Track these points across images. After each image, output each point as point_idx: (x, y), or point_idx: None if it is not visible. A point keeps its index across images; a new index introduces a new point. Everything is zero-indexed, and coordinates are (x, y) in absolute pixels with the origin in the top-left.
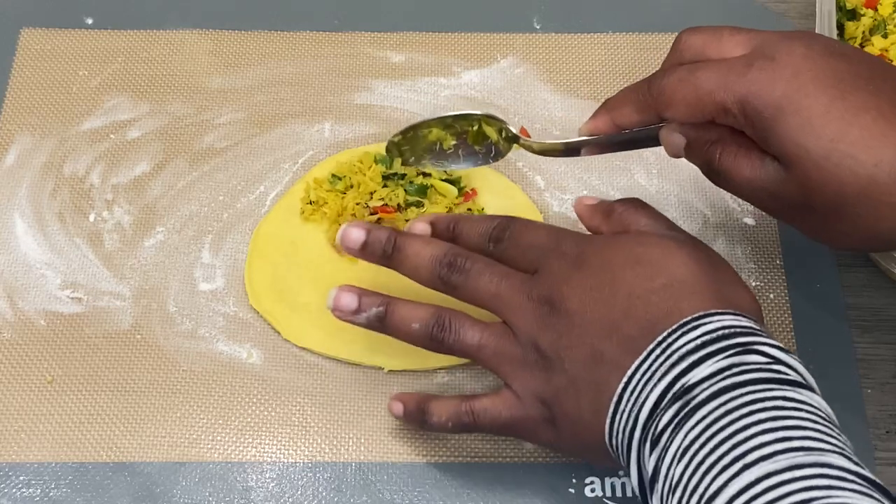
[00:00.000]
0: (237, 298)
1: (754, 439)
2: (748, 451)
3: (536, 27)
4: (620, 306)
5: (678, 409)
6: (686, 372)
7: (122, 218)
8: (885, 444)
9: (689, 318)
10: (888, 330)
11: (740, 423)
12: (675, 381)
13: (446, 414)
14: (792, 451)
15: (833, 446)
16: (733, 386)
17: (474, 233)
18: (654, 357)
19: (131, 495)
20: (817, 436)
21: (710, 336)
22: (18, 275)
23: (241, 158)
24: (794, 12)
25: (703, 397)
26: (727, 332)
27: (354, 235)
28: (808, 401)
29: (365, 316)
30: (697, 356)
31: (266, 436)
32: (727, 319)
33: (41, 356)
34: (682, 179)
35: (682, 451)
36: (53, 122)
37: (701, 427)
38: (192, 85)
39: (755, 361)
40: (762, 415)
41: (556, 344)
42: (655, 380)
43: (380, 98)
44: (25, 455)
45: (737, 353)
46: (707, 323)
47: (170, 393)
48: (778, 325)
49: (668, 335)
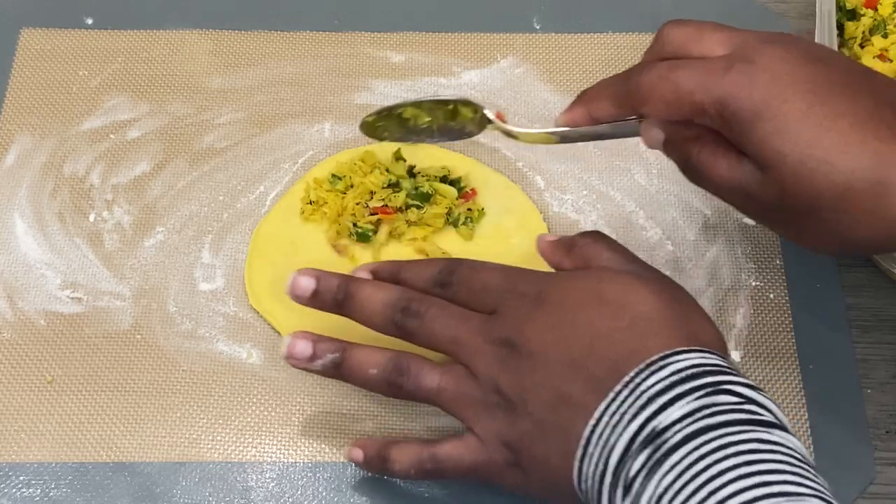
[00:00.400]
0: (237, 298)
1: (731, 485)
2: (726, 498)
3: (536, 27)
4: (584, 346)
5: (650, 454)
6: (656, 414)
7: (122, 218)
8: (885, 444)
9: (655, 357)
10: (888, 330)
11: (716, 468)
12: (645, 424)
13: (408, 462)
14: (771, 496)
15: (811, 490)
16: (706, 429)
17: (419, 279)
18: (622, 398)
19: (131, 495)
20: (795, 479)
21: (678, 376)
22: (18, 275)
23: (241, 158)
24: (794, 12)
25: (675, 441)
26: (696, 372)
27: (304, 284)
28: (783, 442)
29: (321, 363)
30: (667, 397)
31: (266, 436)
32: (695, 358)
33: (41, 356)
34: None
35: (657, 498)
36: (53, 122)
37: (675, 473)
38: (192, 85)
39: (727, 402)
40: (738, 459)
41: (519, 386)
42: (625, 423)
43: (380, 98)
44: (25, 455)
45: (707, 393)
46: (675, 362)
47: (170, 393)
48: (778, 325)
49: (635, 375)
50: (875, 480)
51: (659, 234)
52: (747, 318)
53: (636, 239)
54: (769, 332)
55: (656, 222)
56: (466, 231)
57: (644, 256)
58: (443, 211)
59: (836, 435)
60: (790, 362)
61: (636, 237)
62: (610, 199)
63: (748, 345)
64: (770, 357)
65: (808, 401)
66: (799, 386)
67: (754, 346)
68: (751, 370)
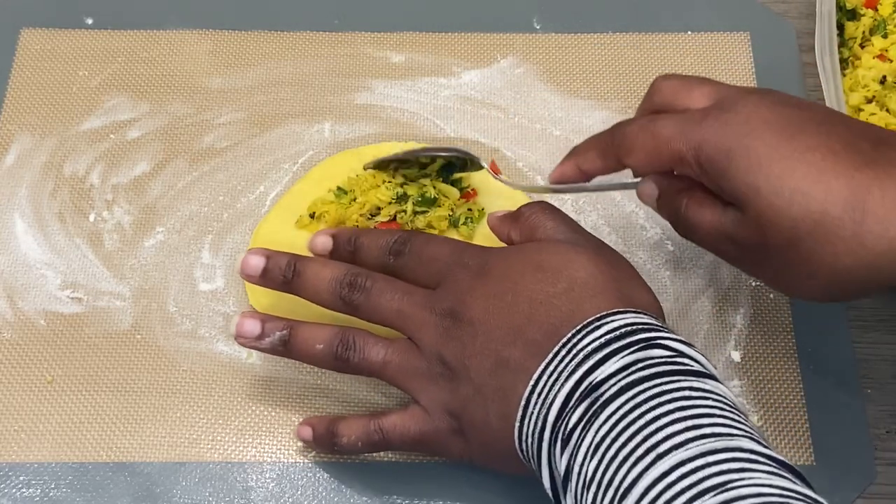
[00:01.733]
0: (237, 298)
1: (665, 429)
2: (660, 441)
3: (536, 27)
4: (523, 312)
5: (587, 407)
6: (592, 370)
7: (122, 218)
8: (885, 444)
9: (591, 319)
10: (888, 330)
11: (650, 414)
12: (581, 380)
13: (355, 434)
14: (703, 437)
15: (742, 431)
16: (640, 380)
17: (375, 246)
18: (560, 358)
19: (131, 495)
20: (726, 422)
21: (613, 334)
22: (18, 275)
23: (241, 158)
24: (795, 12)
25: (611, 393)
26: (629, 330)
27: (253, 262)
28: (713, 389)
29: (269, 341)
30: (602, 354)
31: (266, 436)
32: (629, 317)
33: (41, 356)
34: None
35: (594, 447)
36: (53, 122)
37: (612, 422)
38: (192, 85)
39: (659, 356)
40: (671, 405)
41: (461, 354)
42: (562, 380)
43: (380, 98)
44: (25, 455)
45: (640, 348)
46: (609, 322)
47: (170, 393)
48: (778, 325)
49: (571, 336)
50: (875, 480)
51: (659, 233)
52: (747, 318)
53: (636, 239)
54: (769, 332)
55: (656, 222)
56: (467, 231)
57: (644, 256)
58: (446, 213)
59: (836, 435)
60: (790, 362)
61: (636, 237)
62: (610, 199)
63: (748, 345)
64: (770, 357)
65: (808, 401)
66: (799, 386)
67: (754, 346)
68: (751, 370)
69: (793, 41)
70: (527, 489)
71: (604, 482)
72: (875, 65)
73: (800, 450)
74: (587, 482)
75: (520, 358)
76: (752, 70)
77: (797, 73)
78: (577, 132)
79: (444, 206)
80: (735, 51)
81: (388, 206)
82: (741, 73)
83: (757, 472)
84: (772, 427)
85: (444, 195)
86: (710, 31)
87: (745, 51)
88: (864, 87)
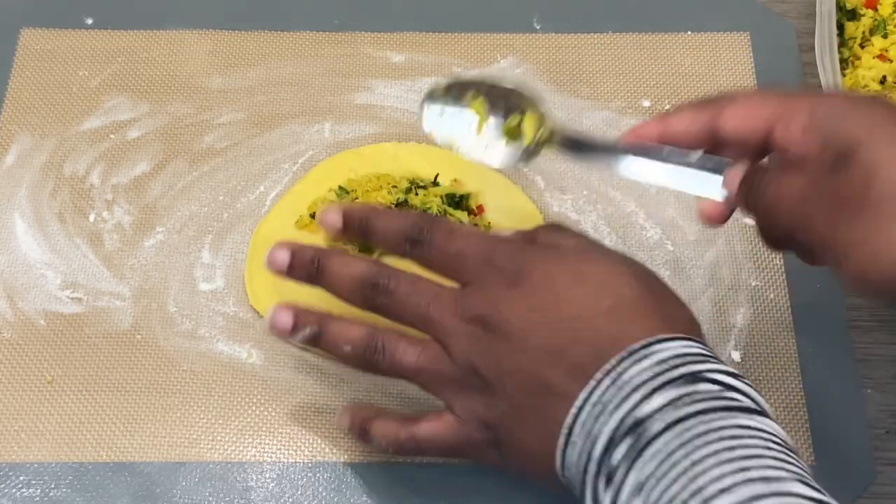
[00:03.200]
0: (237, 298)
1: (711, 471)
2: (706, 484)
3: (536, 27)
4: (565, 331)
5: (631, 443)
6: (638, 404)
7: (122, 218)
8: (885, 444)
9: (637, 346)
10: (888, 330)
11: (696, 454)
12: (628, 415)
13: (386, 440)
14: (751, 482)
15: (792, 474)
16: (686, 416)
17: (389, 230)
18: (605, 388)
19: (131, 495)
20: (776, 464)
21: (661, 367)
22: (18, 275)
23: (241, 158)
24: (795, 12)
25: (655, 429)
26: (678, 362)
27: (280, 257)
28: (763, 427)
29: (301, 335)
30: (649, 388)
31: (266, 436)
32: (677, 347)
33: (41, 356)
34: None
35: (638, 487)
36: (53, 122)
37: (656, 461)
38: (192, 85)
39: (707, 390)
40: (717, 445)
41: (497, 369)
42: (608, 413)
43: (380, 98)
44: (25, 455)
45: (688, 382)
46: (658, 351)
47: (170, 393)
48: (778, 325)
49: (616, 364)
50: (875, 480)
51: (659, 234)
52: (747, 318)
53: (636, 239)
54: (769, 332)
55: (656, 222)
56: None
57: (644, 256)
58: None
59: (836, 435)
60: (790, 362)
61: (636, 237)
62: (610, 199)
63: (748, 345)
64: (770, 357)
65: (808, 401)
66: (799, 386)
67: (754, 346)
68: (751, 370)
69: (793, 41)
70: (527, 492)
71: None
72: (875, 65)
73: (800, 449)
74: None
75: (561, 381)
76: (752, 70)
77: (797, 73)
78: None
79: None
80: (735, 51)
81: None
82: (741, 73)
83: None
84: None
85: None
86: (710, 31)
87: (745, 51)
88: (864, 87)
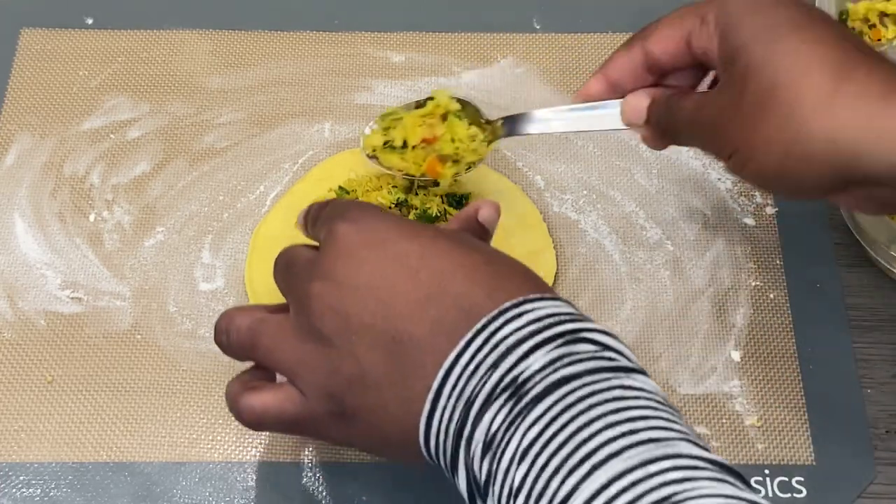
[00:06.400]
0: (237, 298)
1: (599, 435)
2: (595, 448)
3: (536, 27)
4: (432, 281)
5: (511, 407)
6: (516, 364)
7: (122, 218)
8: (885, 444)
9: (510, 305)
10: (888, 330)
11: (582, 418)
12: (505, 375)
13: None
14: (640, 444)
15: (679, 433)
16: (569, 378)
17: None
18: (477, 346)
19: (131, 495)
20: (662, 424)
21: (537, 325)
22: (18, 275)
23: (241, 158)
24: None
25: (536, 392)
26: (553, 321)
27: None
28: (643, 386)
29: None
30: (527, 347)
31: (266, 436)
32: (549, 306)
33: (41, 356)
34: (682, 179)
35: (522, 453)
36: (53, 122)
37: (540, 426)
38: (192, 85)
39: (585, 350)
40: (603, 408)
41: (343, 326)
42: (480, 374)
43: (380, 98)
44: (25, 455)
45: (566, 342)
46: (531, 311)
47: (170, 393)
48: (778, 325)
49: (489, 321)
50: (875, 480)
51: (659, 233)
52: (747, 318)
53: (636, 239)
54: (769, 332)
55: (656, 222)
56: None
57: (644, 256)
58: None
59: (836, 435)
60: (790, 362)
61: (636, 237)
62: (610, 199)
63: (748, 345)
64: (770, 357)
65: (808, 401)
66: (799, 386)
67: (754, 346)
68: (751, 370)
69: None
70: None
71: (534, 491)
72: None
73: (800, 449)
74: (514, 491)
75: (424, 337)
76: None
77: None
78: (576, 132)
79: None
80: None
81: (391, 209)
82: None
83: (700, 479)
84: (772, 427)
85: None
86: None
87: None
88: None
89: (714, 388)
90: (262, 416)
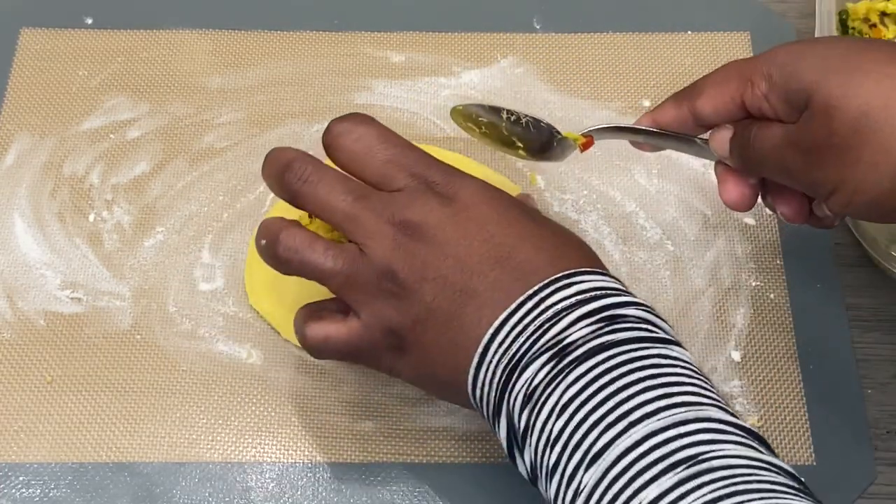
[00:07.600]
0: (237, 298)
1: (637, 397)
2: (632, 408)
3: (536, 27)
4: (495, 248)
5: (554, 366)
6: (560, 329)
7: (122, 218)
8: (885, 444)
9: (560, 275)
10: (888, 330)
11: (621, 381)
12: (551, 338)
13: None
14: (674, 406)
15: (711, 399)
16: (610, 344)
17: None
18: (527, 309)
19: (131, 495)
20: (695, 390)
21: (583, 296)
22: (18, 275)
23: (241, 158)
24: (794, 12)
25: (578, 353)
26: (598, 294)
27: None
28: (680, 356)
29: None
30: (573, 315)
31: (266, 436)
32: (596, 280)
33: (41, 356)
34: (682, 179)
35: (562, 407)
36: (53, 122)
37: (581, 384)
38: (192, 85)
39: (628, 321)
40: (641, 373)
41: (419, 273)
42: (528, 333)
43: (380, 98)
44: (25, 455)
45: (611, 315)
46: (579, 283)
47: (170, 393)
48: (778, 325)
49: (540, 288)
50: (875, 481)
51: (659, 234)
52: (747, 318)
53: (636, 239)
54: (769, 332)
55: (656, 222)
56: None
57: (644, 256)
58: None
59: (836, 435)
60: (790, 362)
61: (636, 237)
62: (610, 199)
63: (748, 345)
64: (770, 357)
65: (808, 401)
66: (799, 386)
67: (754, 346)
68: (751, 370)
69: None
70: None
71: (571, 442)
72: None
73: (800, 450)
74: (551, 440)
75: (486, 293)
76: None
77: None
78: (577, 132)
79: None
80: (735, 51)
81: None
82: None
83: (727, 443)
84: (772, 427)
85: None
86: (710, 31)
87: (745, 51)
88: None
89: None
90: (324, 344)
